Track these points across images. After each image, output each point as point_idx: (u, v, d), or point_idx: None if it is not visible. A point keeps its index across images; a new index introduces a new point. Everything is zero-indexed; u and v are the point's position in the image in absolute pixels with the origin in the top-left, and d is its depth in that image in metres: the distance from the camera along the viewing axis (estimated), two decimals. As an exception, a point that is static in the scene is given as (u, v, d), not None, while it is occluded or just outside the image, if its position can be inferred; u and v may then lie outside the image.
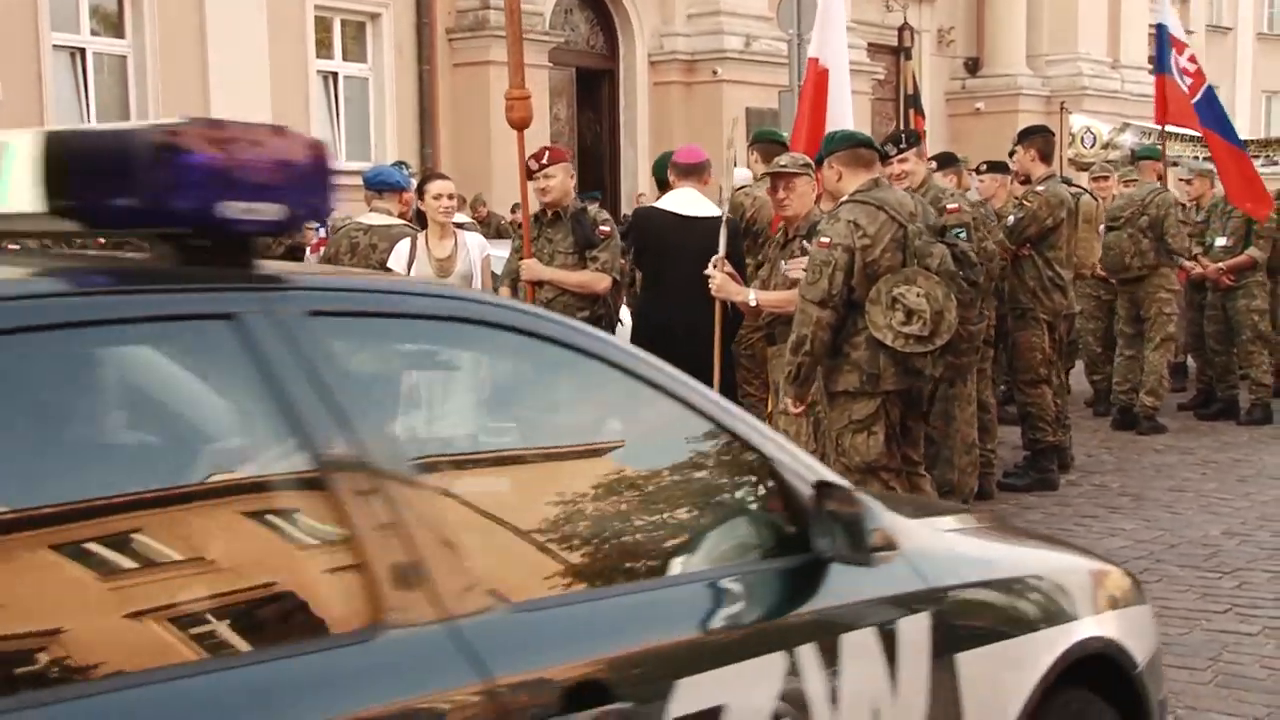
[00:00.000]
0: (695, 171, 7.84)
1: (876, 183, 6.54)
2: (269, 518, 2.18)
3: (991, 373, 9.28)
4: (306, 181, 2.27)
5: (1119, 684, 3.40)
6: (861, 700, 2.70)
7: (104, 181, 2.12)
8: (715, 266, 6.90)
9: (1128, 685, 3.42)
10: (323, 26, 17.78)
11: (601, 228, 7.38)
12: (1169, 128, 12.65)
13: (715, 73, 20.85)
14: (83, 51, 15.45)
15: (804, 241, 6.75)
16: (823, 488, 2.74)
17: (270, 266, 2.35)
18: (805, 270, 6.41)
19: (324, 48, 17.83)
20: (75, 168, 2.15)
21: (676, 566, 2.65)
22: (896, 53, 24.91)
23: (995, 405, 9.31)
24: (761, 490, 2.81)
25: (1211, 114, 11.90)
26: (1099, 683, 3.35)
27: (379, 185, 8.32)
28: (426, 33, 18.40)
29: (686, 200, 7.66)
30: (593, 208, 7.80)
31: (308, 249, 9.82)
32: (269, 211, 2.19)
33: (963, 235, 7.35)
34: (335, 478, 2.14)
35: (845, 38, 9.25)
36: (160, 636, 1.93)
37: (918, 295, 6.17)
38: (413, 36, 18.39)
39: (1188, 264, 11.96)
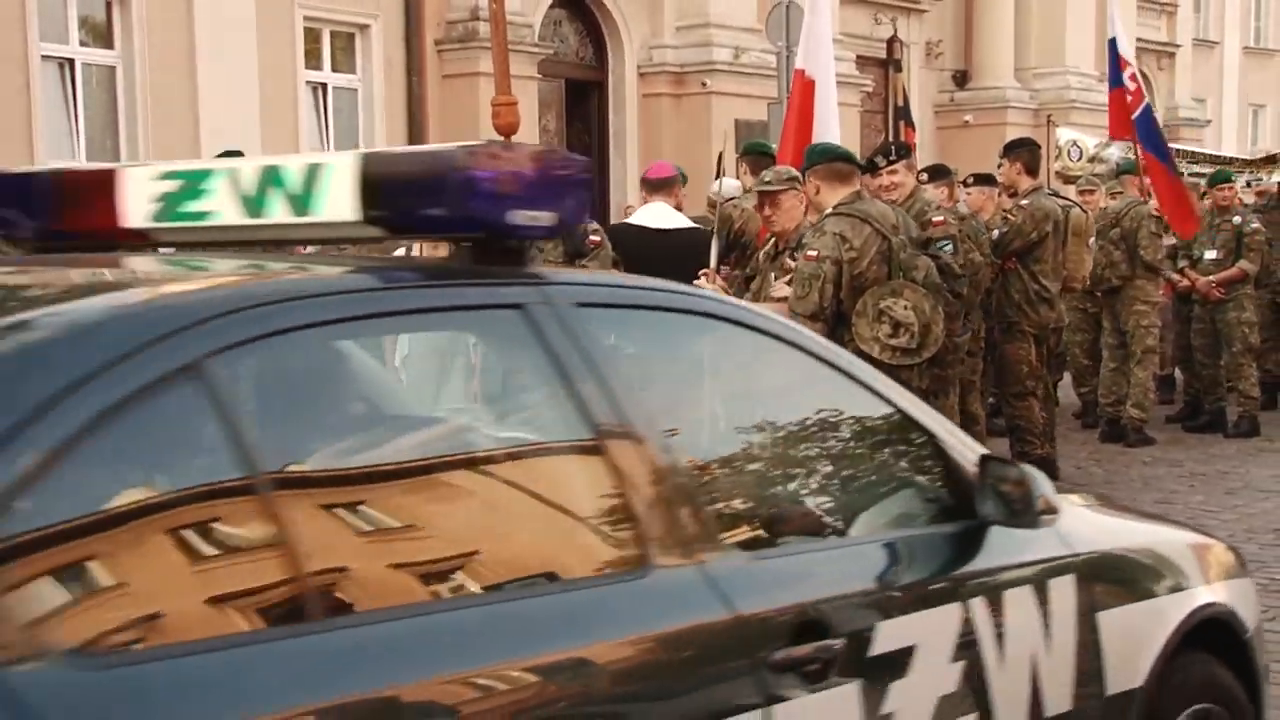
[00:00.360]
0: (665, 186, 7.97)
1: (858, 195, 6.56)
2: (559, 472, 2.64)
3: (980, 385, 9.29)
4: (572, 193, 2.65)
5: (1230, 649, 3.72)
6: (1022, 649, 3.06)
7: (413, 195, 2.52)
8: (706, 279, 6.90)
9: (1238, 650, 3.74)
10: (312, 37, 17.76)
11: (591, 238, 7.41)
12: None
13: (704, 85, 20.85)
14: (71, 62, 15.41)
15: (789, 257, 6.76)
16: (987, 461, 3.15)
17: (538, 266, 2.77)
18: (793, 284, 6.41)
19: (313, 58, 17.80)
20: (387, 183, 2.51)
21: (867, 527, 3.06)
22: (885, 65, 24.96)
23: (984, 417, 9.32)
24: (930, 463, 3.19)
25: (1147, 131, 11.93)
26: (1214, 646, 3.66)
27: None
28: (416, 44, 18.39)
29: (658, 214, 7.75)
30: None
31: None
32: (545, 219, 2.58)
33: (948, 248, 7.37)
34: (607, 442, 2.54)
35: (832, 49, 9.29)
36: (494, 565, 2.43)
37: (905, 308, 6.18)
38: (402, 48, 18.37)
39: (1175, 277, 11.99)
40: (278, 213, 2.58)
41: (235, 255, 2.87)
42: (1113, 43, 12.42)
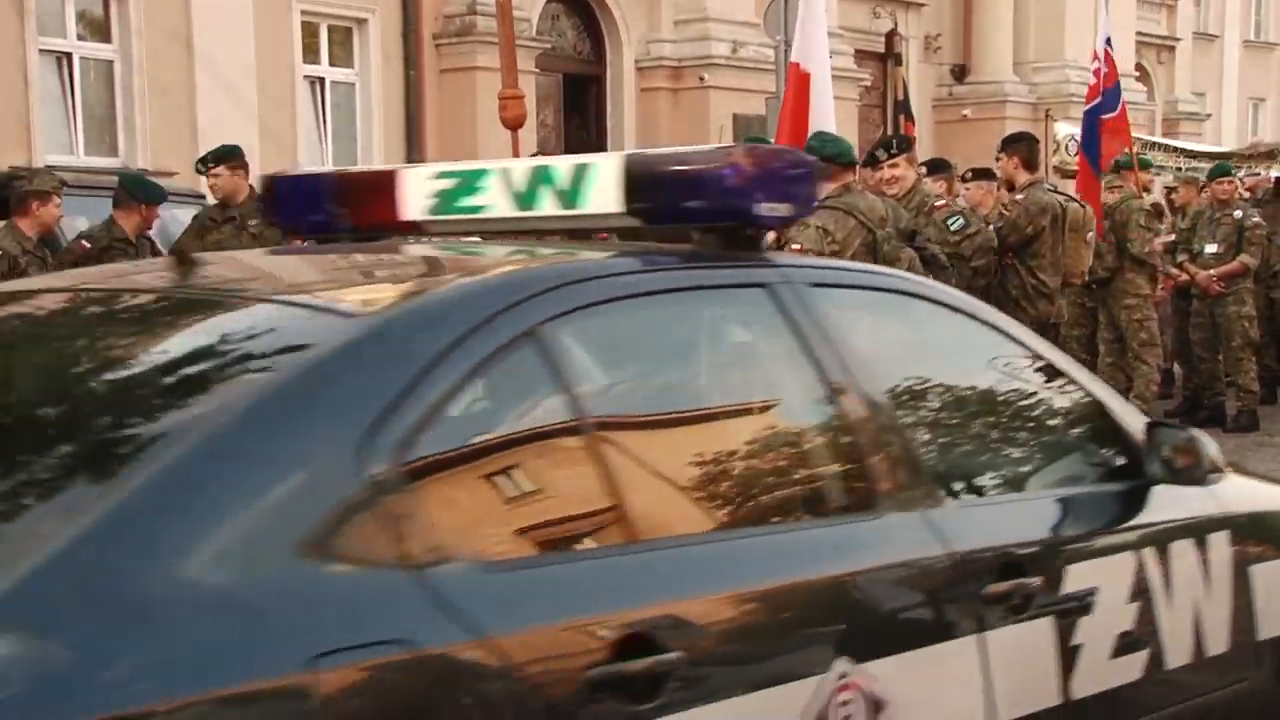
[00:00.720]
0: None
1: (847, 188, 6.59)
2: (803, 427, 3.03)
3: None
4: (803, 187, 3.07)
5: None
6: (1186, 595, 3.41)
7: (674, 189, 2.96)
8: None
9: None
10: (309, 32, 17.75)
11: (600, 235, 7.41)
12: (1153, 137, 12.68)
13: (702, 79, 20.84)
14: (69, 56, 15.41)
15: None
16: (1155, 427, 3.55)
17: (773, 252, 3.23)
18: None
19: (311, 53, 17.79)
20: (648, 179, 2.95)
21: (1051, 483, 3.45)
22: (883, 59, 24.92)
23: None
24: (1101, 427, 3.55)
25: (1088, 125, 11.94)
26: None
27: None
28: (413, 38, 18.38)
29: None
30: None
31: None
32: (783, 209, 2.99)
33: (958, 223, 7.37)
34: (841, 402, 2.96)
35: (827, 42, 9.27)
36: (763, 501, 2.86)
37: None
38: (399, 42, 18.36)
39: (1174, 271, 11.97)
40: (546, 206, 3.02)
41: (505, 242, 3.43)
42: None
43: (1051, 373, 3.53)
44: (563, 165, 3.03)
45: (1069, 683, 3.10)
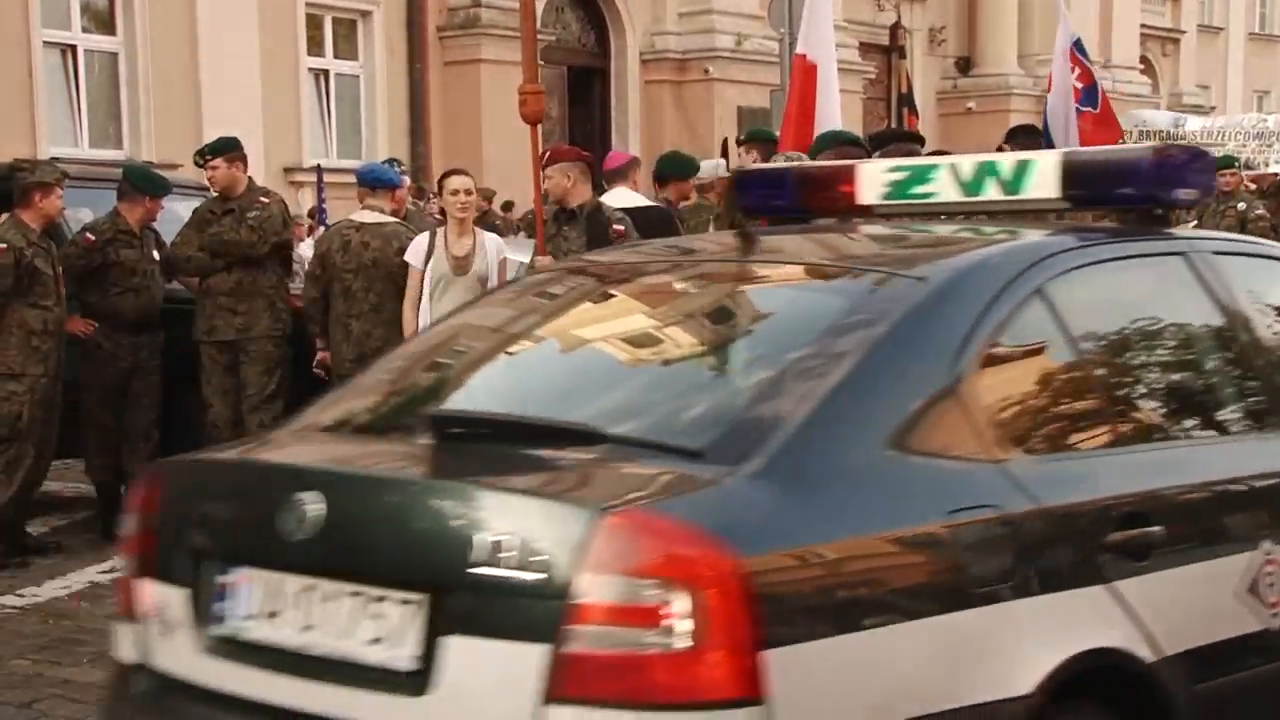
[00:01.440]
0: (623, 173, 8.68)
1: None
2: (1212, 365, 3.83)
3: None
4: (1205, 175, 4.03)
5: None
6: None
7: (1106, 179, 3.82)
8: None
9: None
10: (314, 24, 17.77)
11: (615, 227, 7.42)
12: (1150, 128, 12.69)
13: (707, 71, 20.84)
14: (74, 48, 15.42)
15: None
16: None
17: (1179, 228, 4.22)
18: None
19: (315, 45, 17.81)
20: (1082, 171, 3.79)
21: None
22: (888, 52, 24.94)
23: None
24: None
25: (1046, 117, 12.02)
26: None
27: (371, 183, 8.33)
28: (417, 30, 18.39)
29: (626, 198, 8.24)
30: (608, 207, 7.82)
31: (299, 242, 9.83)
32: (1191, 194, 3.95)
33: None
34: (1249, 346, 3.80)
35: (832, 34, 9.28)
36: (1209, 418, 3.79)
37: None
38: (404, 34, 18.37)
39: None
40: (990, 193, 3.84)
41: (950, 222, 4.14)
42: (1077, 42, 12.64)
43: None
44: (1006, 160, 3.86)
45: None
